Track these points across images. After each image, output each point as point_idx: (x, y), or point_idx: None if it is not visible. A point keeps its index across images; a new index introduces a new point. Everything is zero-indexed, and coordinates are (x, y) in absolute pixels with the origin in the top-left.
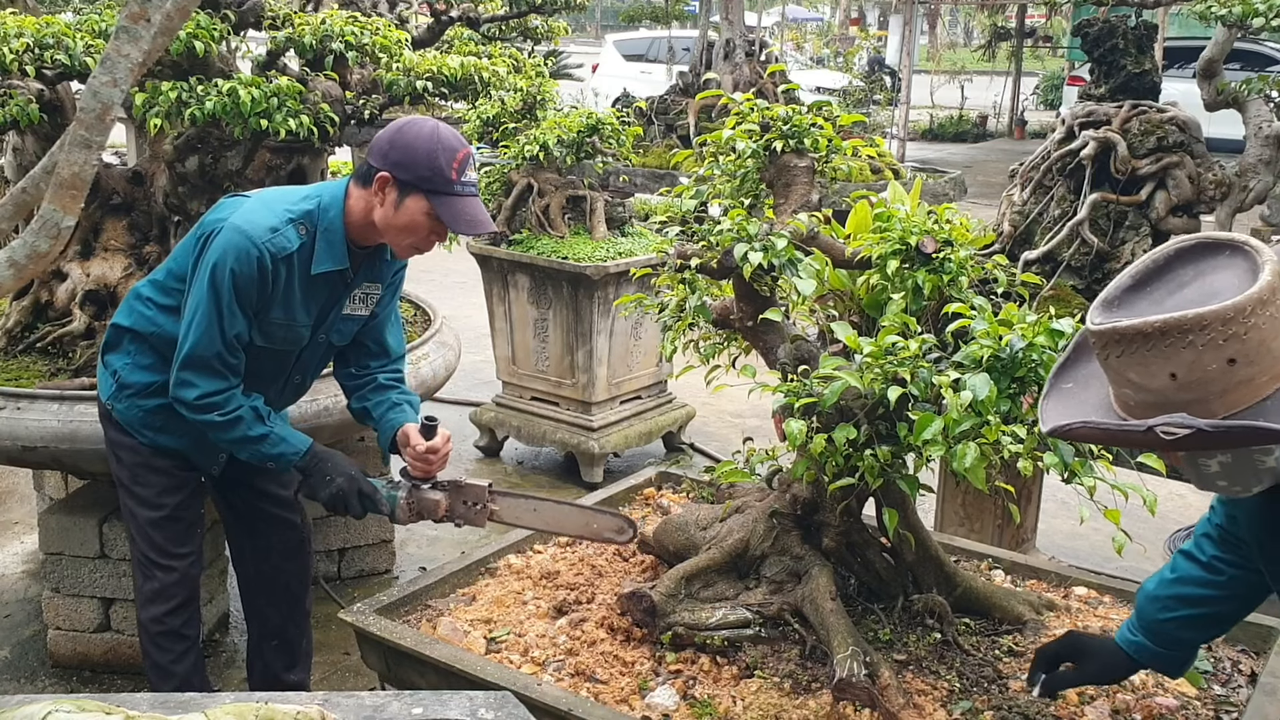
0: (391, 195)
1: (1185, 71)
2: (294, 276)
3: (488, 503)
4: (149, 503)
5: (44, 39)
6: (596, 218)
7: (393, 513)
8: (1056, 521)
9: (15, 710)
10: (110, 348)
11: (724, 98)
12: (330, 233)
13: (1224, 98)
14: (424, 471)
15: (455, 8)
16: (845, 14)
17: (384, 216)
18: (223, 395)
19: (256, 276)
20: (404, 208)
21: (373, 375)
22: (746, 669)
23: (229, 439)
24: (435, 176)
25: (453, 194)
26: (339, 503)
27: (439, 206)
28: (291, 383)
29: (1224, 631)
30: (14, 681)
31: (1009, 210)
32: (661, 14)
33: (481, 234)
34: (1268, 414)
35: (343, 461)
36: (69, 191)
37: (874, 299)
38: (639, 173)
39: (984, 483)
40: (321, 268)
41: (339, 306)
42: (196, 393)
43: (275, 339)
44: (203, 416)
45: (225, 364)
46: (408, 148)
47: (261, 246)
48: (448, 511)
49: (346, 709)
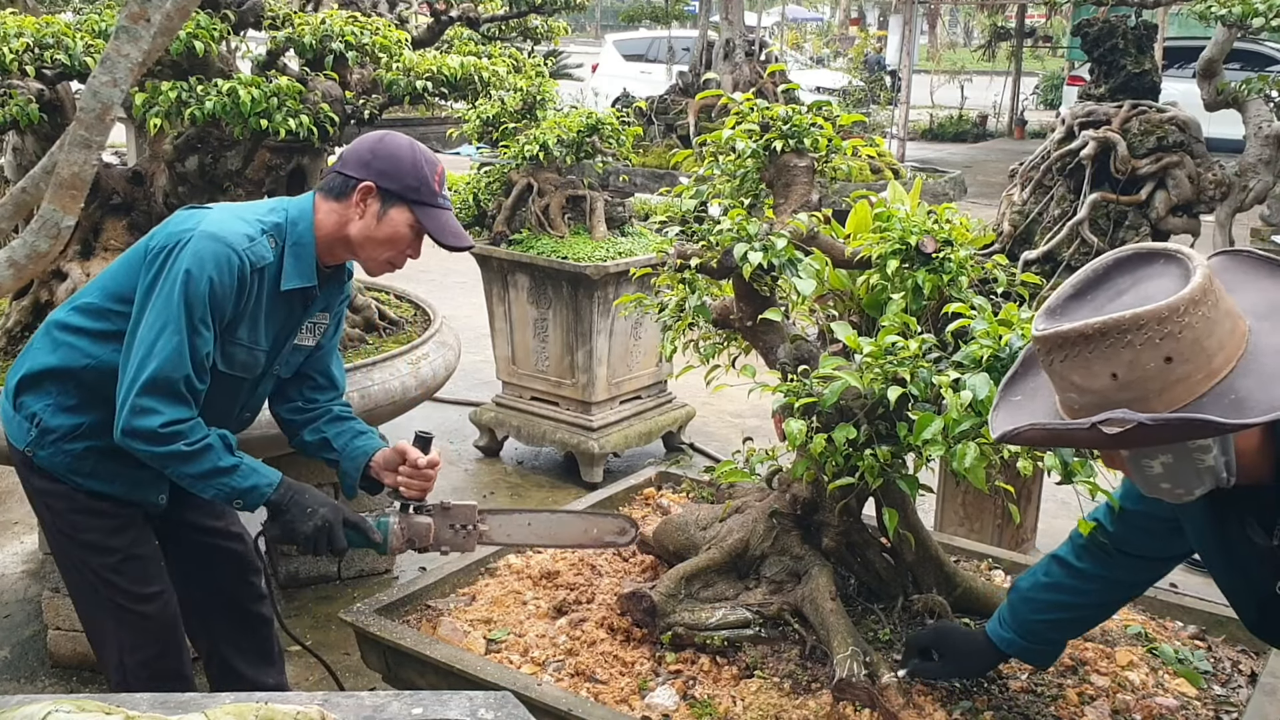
0: (374, 206)
1: (1185, 71)
2: (263, 293)
3: (477, 523)
4: (99, 548)
5: (44, 39)
6: (596, 218)
7: (384, 541)
8: (1056, 521)
9: (15, 710)
10: (25, 389)
11: (724, 98)
12: (300, 247)
13: (1224, 98)
14: (420, 490)
15: (455, 8)
16: (845, 14)
17: (363, 228)
18: (188, 423)
19: (235, 286)
20: (387, 219)
21: (324, 407)
22: (746, 669)
23: (195, 472)
24: (421, 187)
25: (437, 206)
26: (321, 537)
27: (424, 218)
28: (240, 420)
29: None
30: (14, 681)
31: (1009, 210)
32: (661, 14)
33: (463, 248)
34: (1204, 409)
35: (315, 493)
36: (69, 191)
37: (874, 299)
38: (639, 173)
39: (984, 483)
40: (291, 284)
41: (294, 334)
42: (161, 419)
43: (235, 363)
44: (167, 448)
45: (191, 389)
46: (392, 158)
47: (243, 255)
48: (435, 537)
49: (346, 709)
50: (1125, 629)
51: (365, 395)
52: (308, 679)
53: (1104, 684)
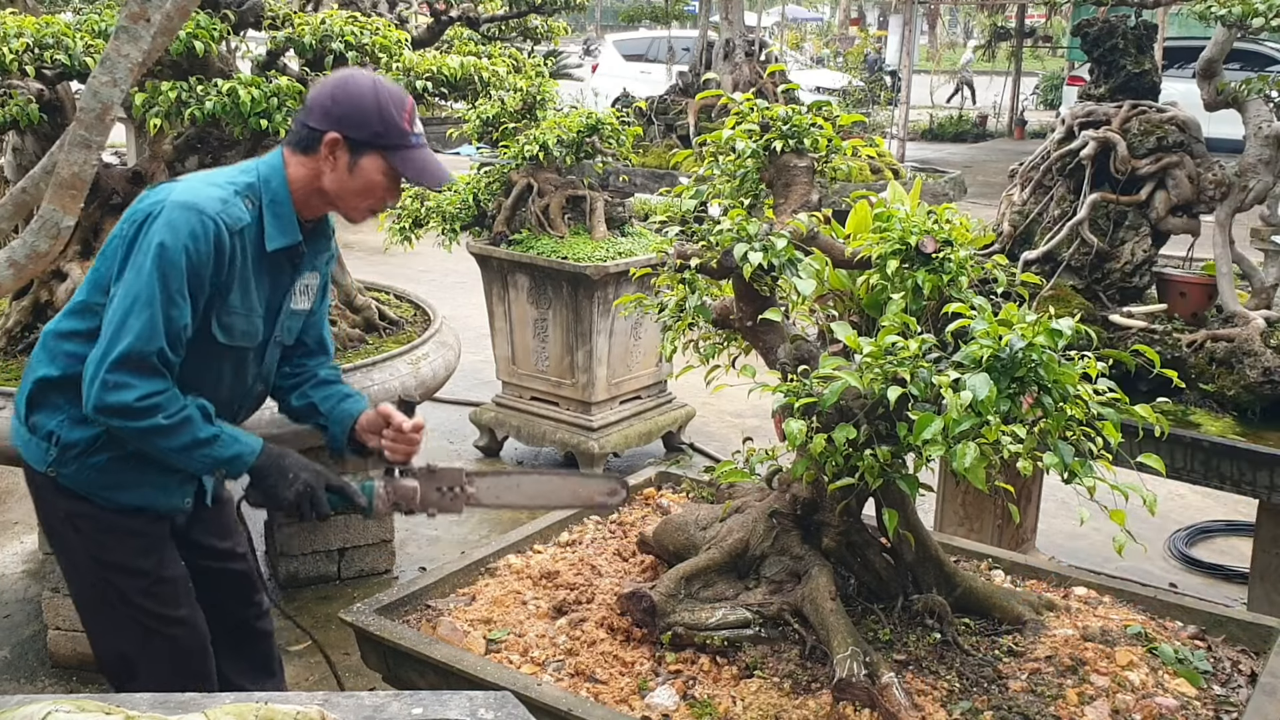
0: (344, 158)
1: (1185, 71)
2: (248, 257)
3: (464, 486)
4: (128, 570)
5: (44, 39)
6: (596, 218)
7: (369, 505)
8: (1056, 521)
9: (15, 710)
10: (35, 408)
11: (724, 98)
12: (277, 205)
13: (1224, 98)
14: (405, 454)
15: (455, 8)
16: (845, 14)
17: (337, 181)
18: (164, 395)
19: (212, 252)
20: (359, 169)
21: (312, 371)
22: (746, 669)
23: (176, 446)
24: (389, 131)
25: (409, 146)
26: (304, 502)
27: (398, 162)
28: (254, 393)
29: None
30: (14, 681)
31: (1009, 210)
32: (661, 14)
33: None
34: None
35: (299, 458)
36: (69, 191)
37: (874, 299)
38: (639, 173)
39: (984, 483)
40: (276, 244)
41: (288, 296)
42: (136, 394)
43: (236, 333)
44: (145, 422)
45: (165, 361)
46: (355, 104)
47: (216, 218)
48: (422, 500)
49: (346, 709)
50: (1125, 629)
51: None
52: (308, 679)
53: (1104, 684)
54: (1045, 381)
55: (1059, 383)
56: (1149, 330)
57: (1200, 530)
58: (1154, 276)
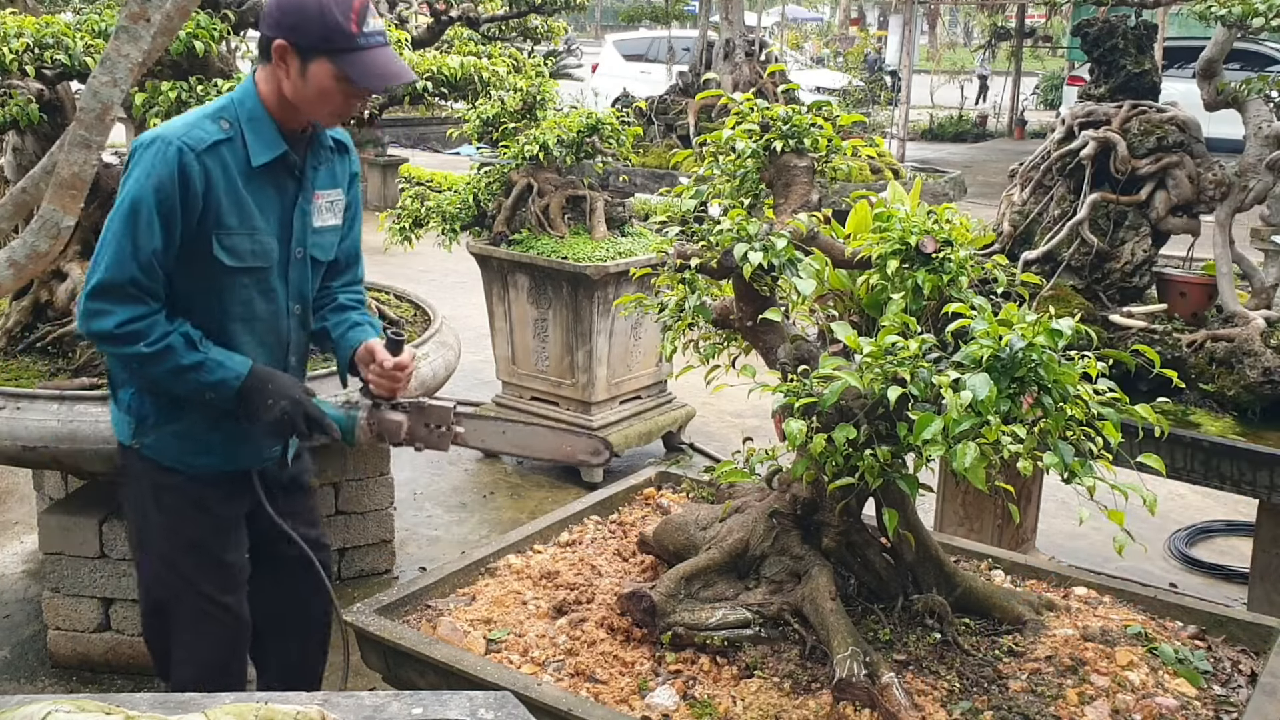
0: (294, 64)
1: (1185, 71)
2: (233, 176)
3: (452, 425)
4: (198, 547)
5: (44, 39)
6: (596, 218)
7: (348, 434)
8: (1056, 521)
9: (15, 710)
10: (115, 385)
11: (724, 98)
12: (255, 121)
13: (1224, 98)
14: (389, 390)
15: (455, 8)
16: (845, 14)
17: (293, 88)
18: (145, 321)
19: (177, 176)
20: (310, 75)
21: (333, 295)
22: (746, 669)
23: (162, 372)
24: (333, 34)
25: (356, 49)
26: (283, 426)
27: (346, 66)
28: (291, 314)
29: None
30: (14, 681)
31: (1009, 210)
32: (661, 14)
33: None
34: None
35: (286, 383)
36: (69, 191)
37: (874, 299)
38: (639, 173)
39: (984, 483)
40: (262, 158)
41: (303, 212)
42: (115, 320)
43: (243, 254)
44: (127, 349)
45: (142, 288)
46: (297, 8)
47: (176, 141)
48: (409, 434)
49: (346, 709)
50: (1125, 629)
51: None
52: None
53: (1104, 684)
54: (1045, 381)
55: (1059, 383)
56: (1149, 330)
57: (1200, 530)
58: (1154, 276)
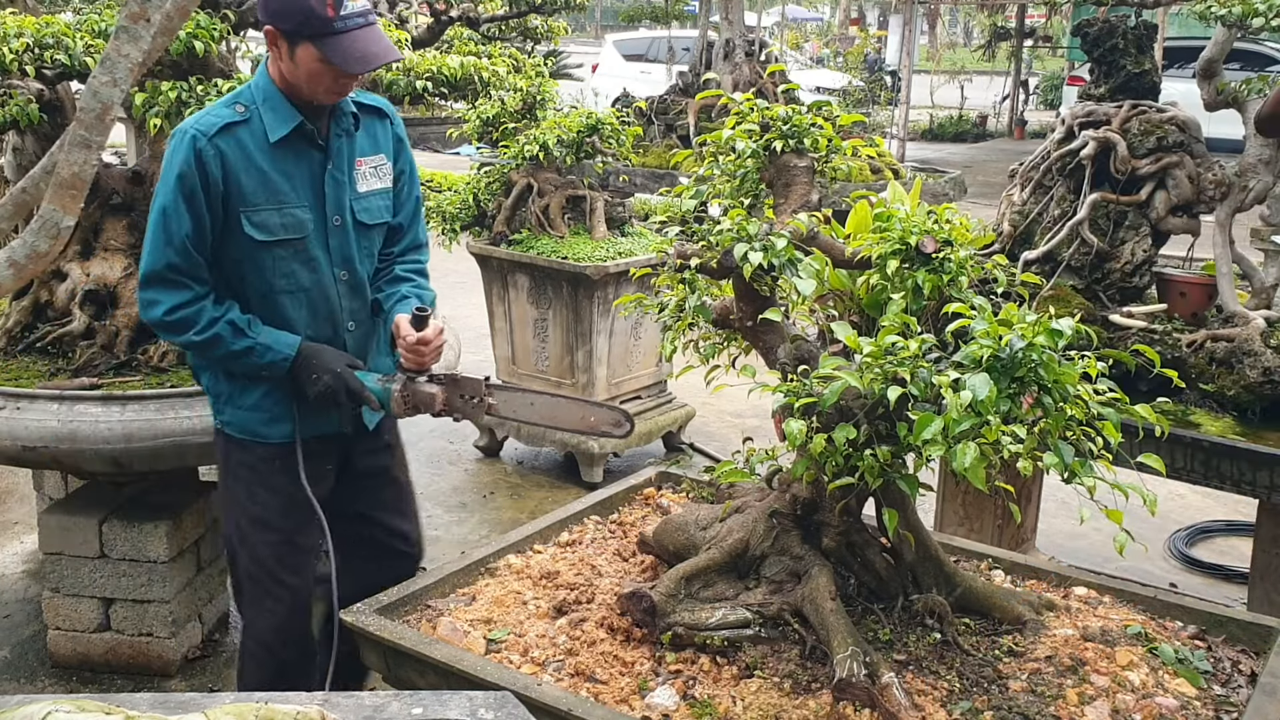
0: (284, 48)
1: (1185, 71)
2: (251, 154)
3: (485, 396)
4: (269, 525)
5: (44, 39)
6: (596, 218)
7: (385, 406)
8: (1056, 521)
9: (15, 710)
10: (196, 373)
11: (724, 98)
12: (269, 100)
13: (1224, 98)
14: (416, 363)
15: (455, 8)
16: (845, 14)
17: (288, 70)
18: (192, 308)
19: (194, 160)
20: (298, 59)
21: (391, 266)
22: (746, 669)
23: (219, 356)
24: (310, 19)
25: (334, 33)
26: (326, 399)
27: (327, 51)
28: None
29: None
30: (14, 681)
31: (1009, 210)
32: (661, 14)
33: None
34: None
35: (330, 357)
36: (69, 191)
37: (874, 299)
38: (639, 173)
39: (984, 483)
40: (278, 132)
41: (335, 180)
42: (163, 308)
43: (273, 227)
44: (180, 337)
45: (180, 272)
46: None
47: (191, 129)
48: (445, 405)
49: (346, 709)
50: (1125, 629)
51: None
52: None
53: (1104, 684)
54: (1045, 381)
55: (1059, 383)
56: (1149, 330)
57: (1200, 530)
58: (1154, 276)
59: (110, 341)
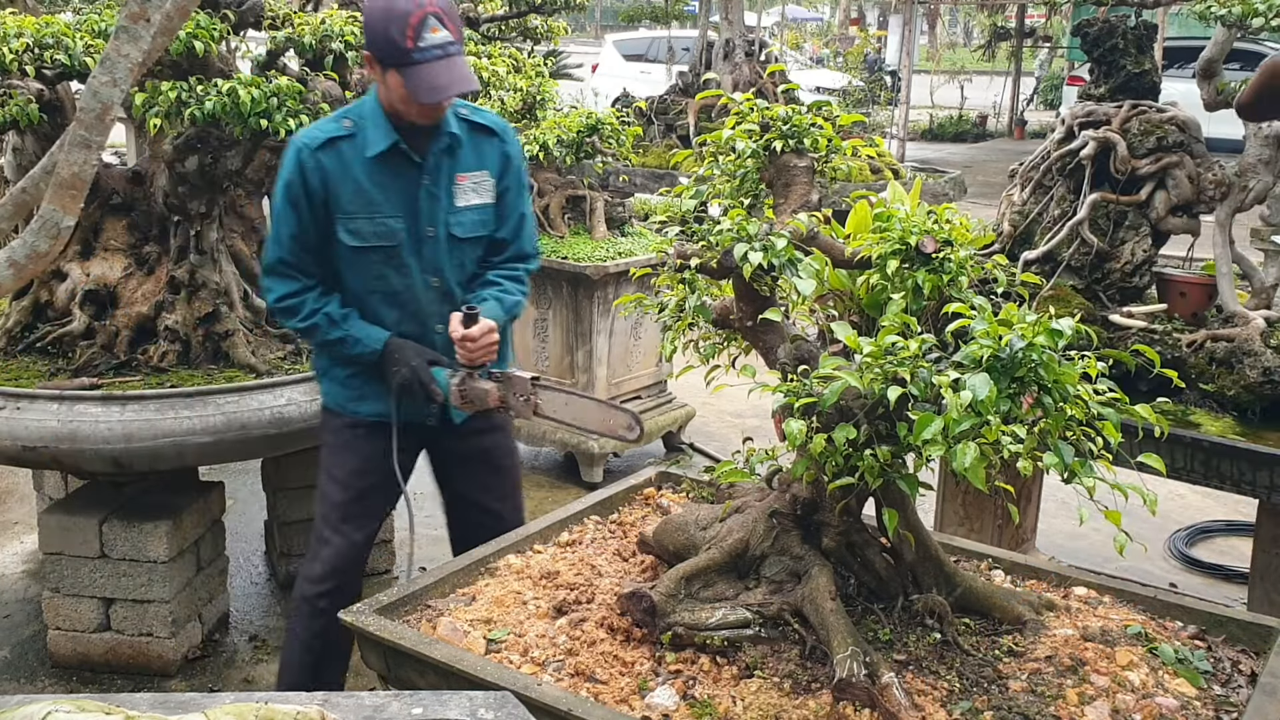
0: (378, 73)
1: (1185, 71)
2: (350, 166)
3: (532, 395)
4: (340, 481)
5: (44, 39)
6: (596, 218)
7: (446, 399)
8: (1056, 521)
9: (15, 710)
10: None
11: (724, 98)
12: (373, 118)
13: (1224, 98)
14: (467, 359)
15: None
16: (845, 14)
17: (384, 93)
18: (298, 298)
19: (296, 169)
20: (387, 83)
21: (484, 272)
22: (746, 669)
23: (319, 343)
24: (392, 49)
25: (413, 63)
26: (404, 389)
27: (406, 80)
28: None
29: None
30: (14, 681)
31: (1009, 210)
32: (661, 14)
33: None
34: None
35: (410, 352)
36: (69, 191)
37: (874, 299)
38: (639, 173)
39: (984, 483)
40: (374, 149)
41: (430, 195)
42: (274, 295)
43: (365, 235)
44: (289, 322)
45: (290, 265)
46: (369, 24)
47: (298, 141)
48: (500, 401)
49: (346, 709)
50: (1125, 629)
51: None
52: None
53: (1104, 684)
54: (1045, 381)
55: (1059, 383)
56: (1149, 330)
57: (1200, 530)
58: (1154, 276)
59: (110, 341)
